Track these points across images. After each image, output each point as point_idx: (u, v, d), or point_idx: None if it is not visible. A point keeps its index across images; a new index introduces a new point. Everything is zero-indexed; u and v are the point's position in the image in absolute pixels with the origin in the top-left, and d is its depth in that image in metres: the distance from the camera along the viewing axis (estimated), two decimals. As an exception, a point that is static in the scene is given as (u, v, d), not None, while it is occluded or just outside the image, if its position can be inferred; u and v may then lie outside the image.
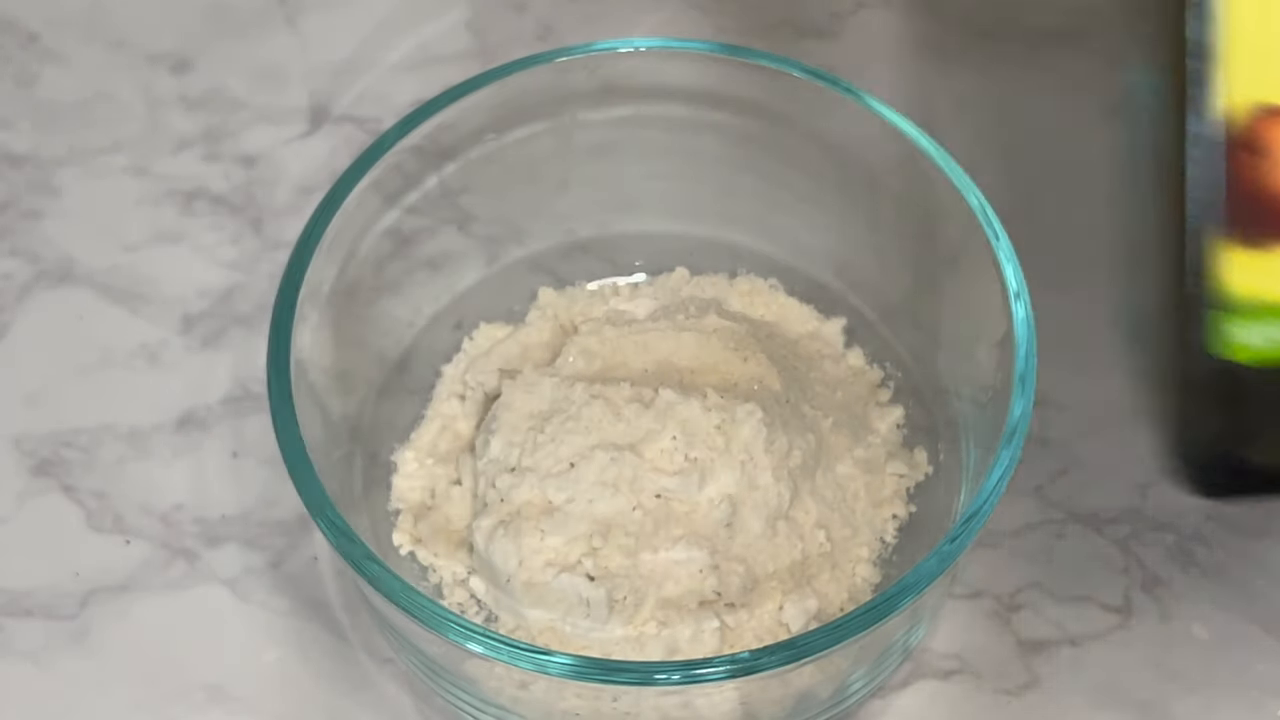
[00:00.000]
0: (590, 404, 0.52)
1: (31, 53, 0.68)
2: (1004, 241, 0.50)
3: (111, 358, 0.61)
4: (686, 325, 0.56)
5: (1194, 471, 0.56)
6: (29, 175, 0.65)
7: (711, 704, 0.48)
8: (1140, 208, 0.62)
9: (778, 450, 0.52)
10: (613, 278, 0.60)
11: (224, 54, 0.68)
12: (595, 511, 0.51)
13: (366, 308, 0.55)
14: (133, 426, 0.59)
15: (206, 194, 0.65)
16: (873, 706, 0.54)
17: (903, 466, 0.55)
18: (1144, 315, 0.60)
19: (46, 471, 0.58)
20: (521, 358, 0.57)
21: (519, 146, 0.56)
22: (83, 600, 0.56)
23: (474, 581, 0.54)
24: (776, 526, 0.52)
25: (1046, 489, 0.57)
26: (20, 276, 0.63)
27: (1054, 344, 0.60)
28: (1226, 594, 0.55)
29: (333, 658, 0.55)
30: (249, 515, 0.58)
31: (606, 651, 0.51)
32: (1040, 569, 0.56)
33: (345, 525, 0.47)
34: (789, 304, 0.59)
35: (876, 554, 0.54)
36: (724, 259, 0.60)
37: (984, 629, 0.55)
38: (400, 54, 0.68)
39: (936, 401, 0.56)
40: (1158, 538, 0.56)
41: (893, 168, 0.53)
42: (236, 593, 0.56)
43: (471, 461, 0.55)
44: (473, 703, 0.51)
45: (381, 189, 0.53)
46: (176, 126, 0.66)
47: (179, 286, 0.62)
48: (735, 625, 0.51)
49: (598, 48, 0.54)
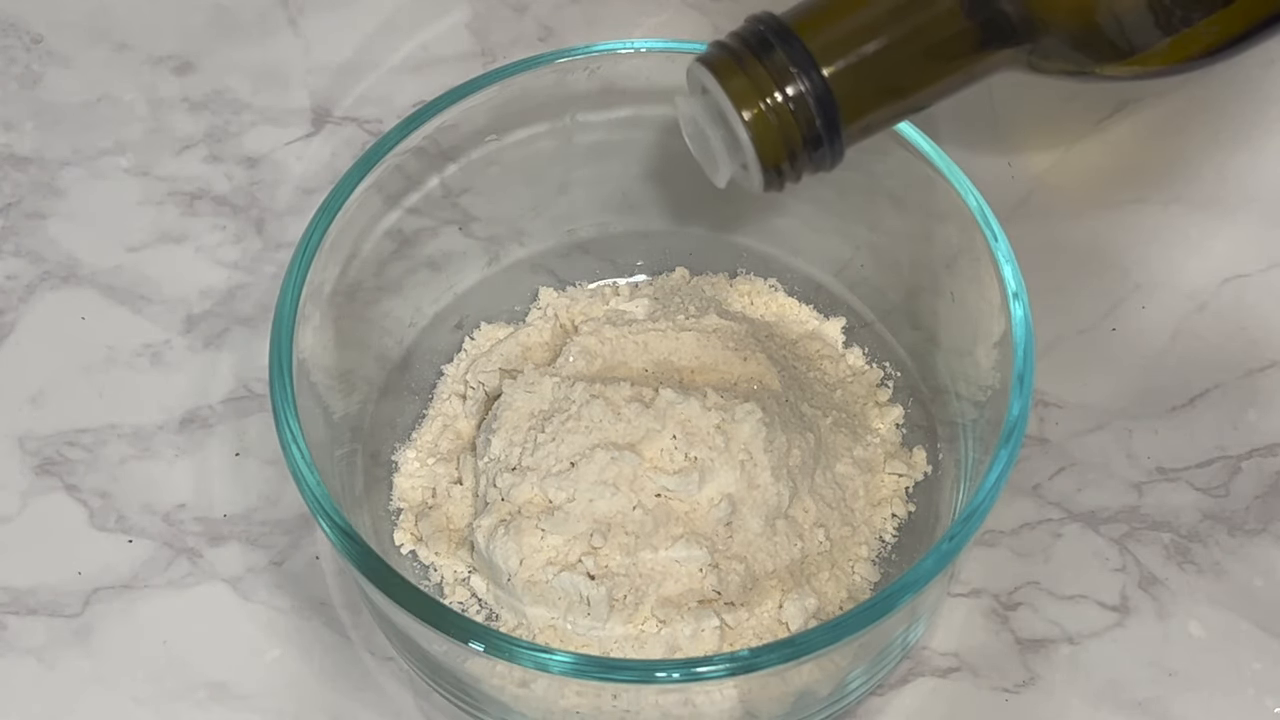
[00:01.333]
0: (590, 404, 0.52)
1: (35, 55, 0.69)
2: (1002, 242, 0.50)
3: (115, 357, 0.61)
4: (686, 325, 0.56)
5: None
6: (33, 176, 0.65)
7: (711, 702, 0.48)
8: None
9: (777, 449, 0.52)
10: (613, 278, 0.60)
11: (226, 56, 0.68)
12: (595, 510, 0.51)
13: (368, 308, 0.55)
14: (136, 426, 0.59)
15: (209, 195, 0.65)
16: (872, 704, 0.54)
17: (901, 466, 0.55)
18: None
19: (50, 471, 0.59)
20: (522, 357, 0.57)
21: (520, 147, 0.56)
22: (86, 599, 0.56)
23: (475, 580, 0.54)
24: (776, 525, 0.52)
25: (1044, 488, 0.58)
26: (24, 277, 0.63)
27: (1053, 344, 0.60)
28: (1223, 592, 0.56)
29: (334, 656, 0.55)
30: (251, 514, 0.58)
31: (607, 650, 0.51)
32: (1038, 567, 0.56)
33: (347, 524, 0.47)
34: (789, 304, 0.59)
35: (875, 552, 0.54)
36: (724, 259, 0.60)
37: (982, 627, 0.55)
38: (402, 55, 0.68)
39: (935, 401, 0.56)
40: (1155, 536, 0.57)
41: (892, 168, 0.53)
42: (238, 591, 0.56)
43: (472, 461, 0.55)
44: (474, 701, 0.51)
45: (383, 190, 0.54)
46: (179, 128, 0.66)
47: (182, 287, 0.63)
48: (735, 624, 0.51)
49: (598, 49, 0.54)
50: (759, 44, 0.42)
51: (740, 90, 0.42)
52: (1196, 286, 0.61)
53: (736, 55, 0.42)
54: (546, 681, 0.47)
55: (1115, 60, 0.43)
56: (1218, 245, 0.63)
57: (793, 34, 0.42)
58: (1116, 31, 0.42)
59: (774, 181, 0.43)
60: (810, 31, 0.42)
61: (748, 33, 0.42)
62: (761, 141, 0.42)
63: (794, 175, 0.43)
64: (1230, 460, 0.58)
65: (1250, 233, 0.63)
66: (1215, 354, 0.60)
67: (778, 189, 0.43)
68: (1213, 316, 0.61)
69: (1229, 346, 0.60)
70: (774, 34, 0.42)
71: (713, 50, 0.43)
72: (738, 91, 0.42)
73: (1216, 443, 0.58)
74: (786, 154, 0.42)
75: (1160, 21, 0.42)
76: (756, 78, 0.42)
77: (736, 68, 0.42)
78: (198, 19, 0.69)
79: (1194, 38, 0.43)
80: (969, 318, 0.53)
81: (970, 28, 0.42)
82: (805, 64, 0.41)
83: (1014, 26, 0.42)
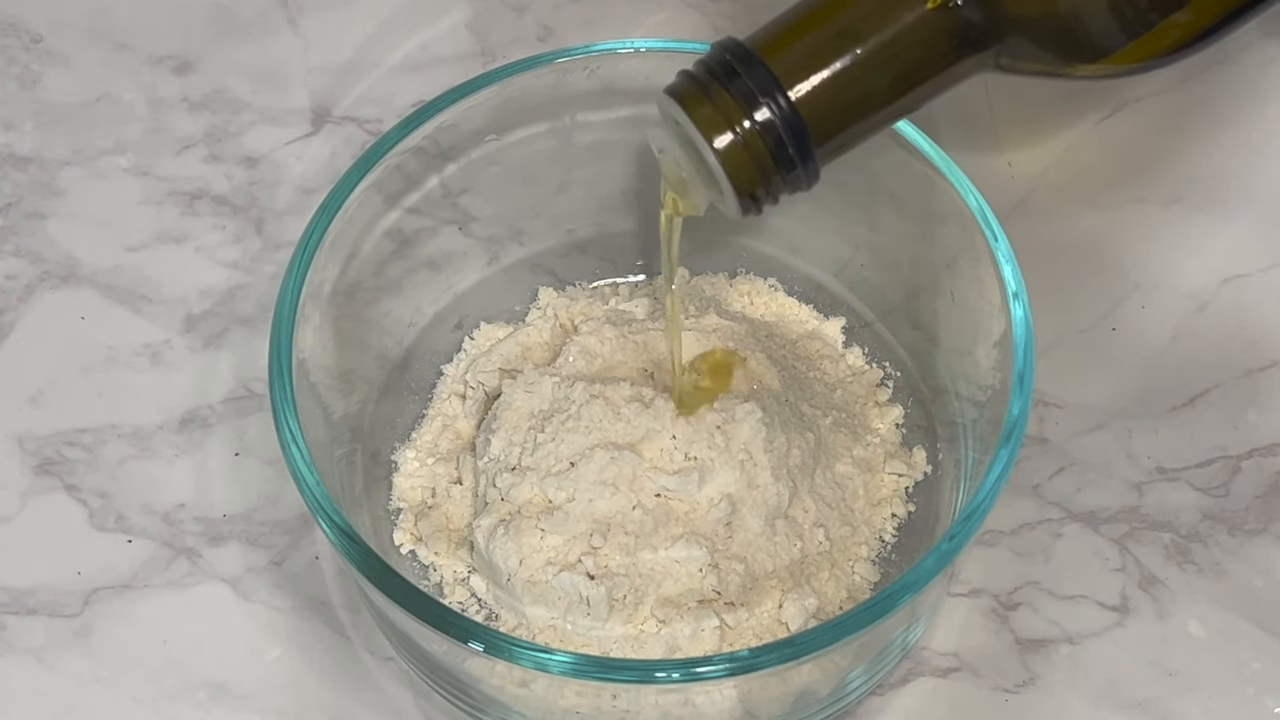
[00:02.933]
0: (590, 404, 0.52)
1: (35, 54, 0.69)
2: (1002, 242, 0.50)
3: (114, 357, 0.61)
4: (686, 325, 0.56)
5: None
6: (33, 176, 0.65)
7: (711, 702, 0.48)
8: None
9: (777, 449, 0.52)
10: (613, 278, 0.60)
11: (226, 56, 0.68)
12: (595, 510, 0.51)
13: (368, 308, 0.55)
14: (135, 426, 0.59)
15: (209, 194, 0.65)
16: (871, 704, 0.54)
17: (901, 465, 0.55)
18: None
19: (49, 471, 0.59)
20: (522, 357, 0.57)
21: (519, 147, 0.56)
22: (85, 599, 0.56)
23: (474, 580, 0.54)
24: (775, 525, 0.52)
25: (1044, 488, 0.58)
26: (24, 277, 0.63)
27: (1053, 344, 0.60)
28: (1223, 592, 0.56)
29: (334, 656, 0.55)
30: (251, 514, 0.58)
31: (606, 650, 0.51)
32: (1038, 567, 0.56)
33: (346, 524, 0.47)
34: (788, 304, 0.59)
35: (875, 552, 0.54)
36: (724, 259, 0.60)
37: (982, 627, 0.55)
38: (401, 55, 0.68)
39: (935, 401, 0.56)
40: (1155, 536, 0.57)
41: (892, 168, 0.53)
42: (238, 591, 0.56)
43: (472, 461, 0.55)
44: (473, 701, 0.51)
45: (383, 189, 0.54)
46: (179, 127, 0.66)
47: (181, 287, 0.63)
48: (735, 624, 0.51)
49: (597, 49, 0.54)
50: (724, 71, 0.41)
51: (708, 120, 0.42)
52: (1196, 286, 0.61)
53: (702, 85, 0.42)
54: (546, 681, 0.47)
55: (1083, 60, 0.42)
56: (1218, 245, 0.63)
57: (756, 58, 0.41)
58: (1081, 32, 0.42)
59: (750, 207, 0.43)
60: (774, 55, 0.41)
61: (713, 60, 0.42)
62: (734, 170, 0.42)
63: (770, 199, 0.43)
64: (1230, 460, 0.58)
65: (1250, 233, 0.63)
66: (1215, 354, 0.60)
67: (755, 213, 0.43)
68: (1213, 316, 0.61)
69: (1229, 346, 0.60)
70: (738, 60, 0.41)
71: (679, 81, 0.42)
72: (706, 121, 0.42)
73: (1216, 443, 0.58)
74: (760, 179, 0.42)
75: (1123, 22, 0.42)
76: (723, 106, 0.41)
77: (703, 97, 0.42)
78: (198, 19, 0.69)
79: (1160, 35, 0.42)
80: (969, 318, 0.53)
81: (935, 37, 0.41)
82: (770, 88, 0.41)
83: (980, 32, 0.41)
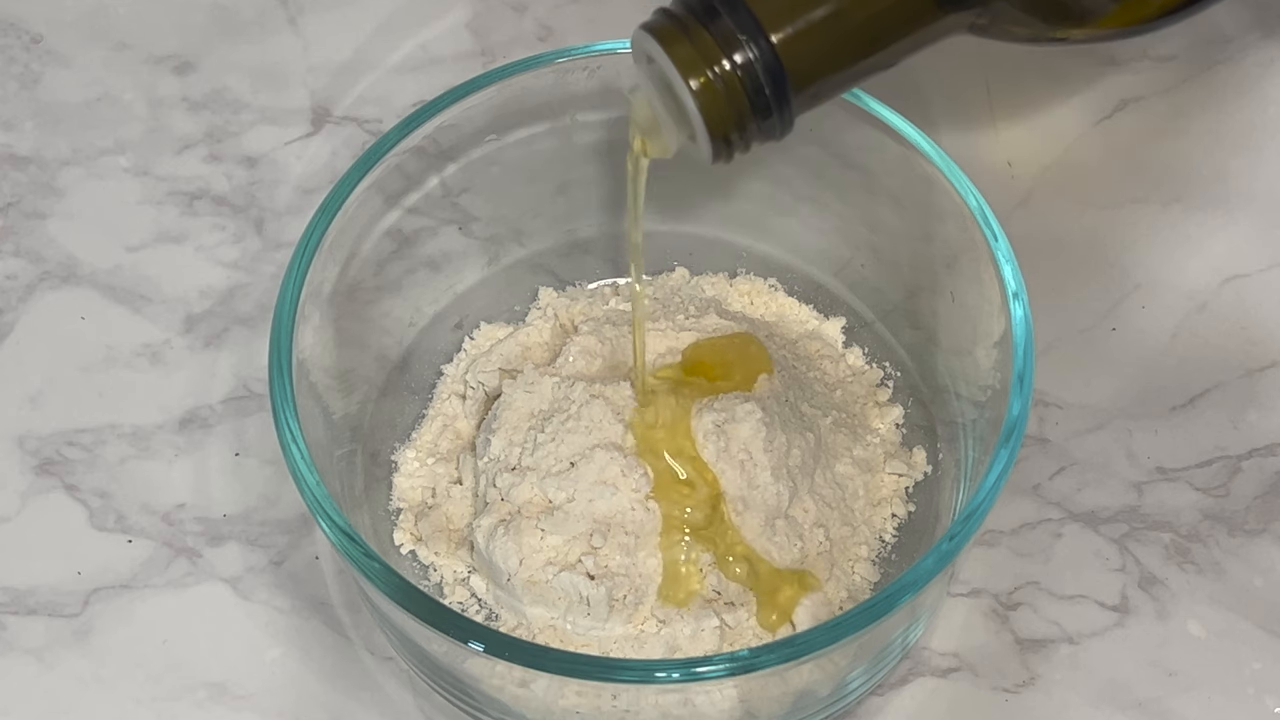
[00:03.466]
0: (590, 404, 0.52)
1: (35, 54, 0.68)
2: (1002, 242, 0.50)
3: (114, 357, 0.61)
4: (686, 325, 0.56)
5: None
6: (32, 176, 0.65)
7: (711, 702, 0.48)
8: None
9: (777, 449, 0.52)
10: (613, 278, 0.60)
11: (226, 55, 0.68)
12: (595, 510, 0.51)
13: (368, 308, 0.55)
14: (135, 426, 0.59)
15: (209, 194, 0.65)
16: (871, 704, 0.54)
17: (901, 465, 0.55)
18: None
19: (49, 471, 0.59)
20: (522, 357, 0.57)
21: (519, 147, 0.56)
22: (85, 599, 0.56)
23: (475, 580, 0.54)
24: (775, 525, 0.52)
25: (1044, 488, 0.58)
26: (24, 277, 0.63)
27: (1053, 344, 0.60)
28: (1223, 592, 0.56)
29: (334, 656, 0.55)
30: (250, 514, 0.58)
31: (606, 650, 0.51)
32: (1038, 567, 0.56)
33: (346, 524, 0.47)
34: (788, 304, 0.59)
35: (875, 552, 0.54)
36: (724, 259, 0.60)
37: (982, 627, 0.55)
38: (401, 55, 0.68)
39: (935, 401, 0.56)
40: (1155, 536, 0.57)
41: (892, 168, 0.53)
42: (238, 591, 0.56)
43: (472, 461, 0.55)
44: (473, 701, 0.51)
45: (383, 189, 0.54)
46: (179, 127, 0.66)
47: (181, 286, 0.63)
48: (735, 624, 0.51)
49: (598, 49, 0.54)
50: (705, 10, 0.41)
51: (686, 58, 0.41)
52: (1196, 286, 0.61)
53: (682, 22, 0.41)
54: (546, 681, 0.47)
55: (1068, 23, 0.42)
56: (1218, 245, 0.63)
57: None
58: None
59: (723, 151, 0.42)
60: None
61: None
62: (709, 111, 0.41)
63: (743, 145, 0.42)
64: (1230, 460, 0.58)
65: (1250, 233, 0.63)
66: (1215, 354, 0.60)
67: (726, 159, 0.42)
68: (1213, 316, 0.61)
69: (1229, 346, 0.60)
70: (720, 0, 0.41)
71: (658, 17, 0.41)
72: (684, 59, 0.41)
73: (1216, 443, 0.58)
74: (735, 123, 0.41)
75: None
76: (703, 45, 0.40)
77: (682, 35, 0.41)
78: (197, 19, 0.69)
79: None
80: (969, 317, 0.53)
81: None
82: (753, 30, 0.40)
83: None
